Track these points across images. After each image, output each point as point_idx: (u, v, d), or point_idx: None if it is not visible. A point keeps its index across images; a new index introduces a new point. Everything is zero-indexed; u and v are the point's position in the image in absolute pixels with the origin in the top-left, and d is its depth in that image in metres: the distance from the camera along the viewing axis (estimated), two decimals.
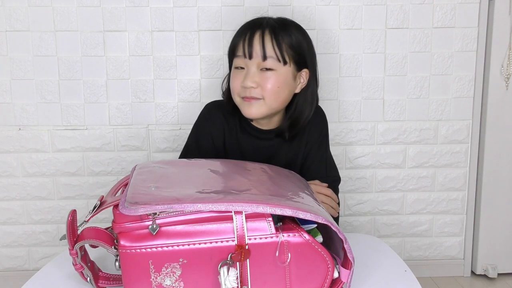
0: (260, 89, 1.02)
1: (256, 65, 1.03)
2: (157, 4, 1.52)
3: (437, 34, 1.57)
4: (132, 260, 0.62)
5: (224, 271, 0.61)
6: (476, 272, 1.72)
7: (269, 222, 0.64)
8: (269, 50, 1.02)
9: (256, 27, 1.04)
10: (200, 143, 1.15)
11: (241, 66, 1.05)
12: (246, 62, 1.03)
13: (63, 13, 1.51)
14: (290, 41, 1.04)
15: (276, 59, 1.02)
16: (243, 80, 1.03)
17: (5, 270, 1.66)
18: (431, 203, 1.68)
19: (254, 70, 1.03)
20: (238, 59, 1.05)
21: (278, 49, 1.02)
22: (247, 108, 1.04)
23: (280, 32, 1.03)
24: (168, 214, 0.63)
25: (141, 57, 1.55)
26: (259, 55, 1.02)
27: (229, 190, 0.68)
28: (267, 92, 1.02)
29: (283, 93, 1.05)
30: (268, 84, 1.02)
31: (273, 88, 1.02)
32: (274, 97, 1.03)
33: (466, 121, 1.63)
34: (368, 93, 1.60)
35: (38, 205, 1.62)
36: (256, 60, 1.02)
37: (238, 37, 1.06)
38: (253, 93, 1.03)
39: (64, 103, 1.57)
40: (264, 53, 1.02)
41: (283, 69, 1.03)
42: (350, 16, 1.55)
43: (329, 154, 1.19)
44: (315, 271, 0.65)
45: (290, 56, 1.04)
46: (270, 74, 1.02)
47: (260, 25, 1.04)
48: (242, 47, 1.03)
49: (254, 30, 1.04)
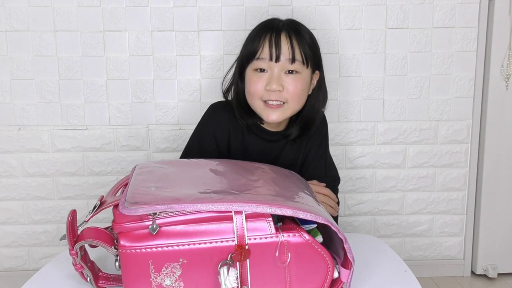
0: (285, 92, 1.02)
1: (281, 68, 1.01)
2: (157, 4, 1.52)
3: (437, 34, 1.57)
4: (132, 260, 0.62)
5: (224, 271, 0.61)
6: (476, 272, 1.72)
7: (269, 222, 0.64)
8: (297, 52, 1.01)
9: (278, 29, 1.02)
10: (202, 143, 1.14)
11: (262, 68, 1.03)
12: (270, 65, 1.01)
13: (63, 13, 1.51)
14: (308, 45, 1.04)
15: (301, 62, 1.02)
16: (268, 83, 1.01)
17: (5, 270, 1.66)
18: (431, 203, 1.68)
19: (280, 73, 1.01)
20: (260, 62, 1.02)
21: (303, 51, 1.02)
22: (272, 115, 1.03)
23: (299, 34, 1.03)
24: (168, 214, 0.63)
25: (141, 57, 1.55)
26: (287, 57, 1.00)
27: (229, 190, 0.68)
28: (292, 95, 1.02)
29: (304, 96, 1.05)
30: (293, 87, 1.01)
31: (298, 91, 1.02)
32: (297, 100, 1.03)
33: (466, 121, 1.63)
34: (368, 93, 1.60)
35: (38, 205, 1.62)
36: (282, 63, 1.01)
37: (259, 39, 1.03)
38: (277, 96, 1.01)
39: (64, 103, 1.57)
40: (293, 56, 1.00)
41: (305, 72, 1.03)
42: (350, 16, 1.55)
43: (329, 154, 1.20)
44: (315, 271, 0.65)
45: (310, 58, 1.04)
46: (295, 77, 1.02)
47: (281, 28, 1.03)
48: (269, 49, 1.01)
49: (278, 31, 1.02)
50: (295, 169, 1.12)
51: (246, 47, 1.06)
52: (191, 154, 1.14)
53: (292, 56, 1.01)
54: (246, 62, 1.05)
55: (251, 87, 1.04)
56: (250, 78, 1.04)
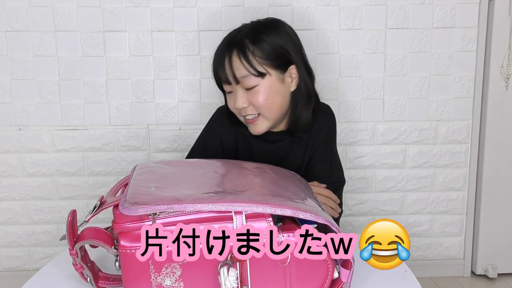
0: (253, 106, 1.02)
1: (241, 86, 1.02)
2: (157, 4, 1.52)
3: (437, 34, 1.57)
4: (132, 260, 0.62)
5: (224, 271, 0.61)
6: (476, 272, 1.72)
7: (269, 222, 0.64)
8: (239, 71, 1.00)
9: (226, 49, 1.02)
10: (208, 145, 1.14)
11: (229, 90, 1.05)
12: (233, 86, 1.03)
13: (63, 13, 1.51)
14: (263, 50, 1.00)
15: (253, 75, 1.00)
16: (234, 103, 1.03)
17: (5, 270, 1.66)
18: (431, 203, 1.68)
19: (241, 91, 1.02)
20: (225, 85, 1.05)
21: (250, 66, 0.99)
22: (252, 128, 1.06)
23: (249, 47, 1.00)
24: (168, 214, 0.63)
25: (141, 57, 1.55)
26: (239, 77, 1.00)
27: (229, 190, 0.68)
28: (260, 108, 1.02)
29: (275, 102, 1.03)
30: (256, 101, 1.01)
31: (263, 102, 1.01)
32: (268, 109, 1.03)
33: (466, 121, 1.63)
34: (368, 93, 1.60)
35: (38, 205, 1.62)
36: (241, 82, 1.01)
37: (215, 64, 1.05)
38: (248, 112, 1.03)
39: (64, 103, 1.57)
40: (234, 76, 1.00)
41: (265, 81, 1.01)
42: (350, 16, 1.55)
43: (335, 154, 1.17)
44: (315, 271, 0.65)
45: (267, 65, 1.01)
46: (255, 91, 1.01)
47: (229, 46, 1.02)
48: (221, 74, 1.03)
49: (223, 54, 1.02)
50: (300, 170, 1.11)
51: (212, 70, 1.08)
52: (196, 156, 1.14)
53: (234, 78, 1.01)
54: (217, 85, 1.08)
55: (229, 107, 1.07)
56: (227, 98, 1.08)
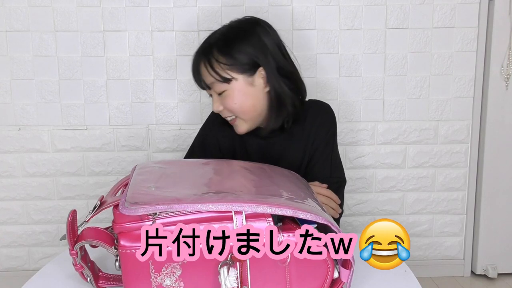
0: (227, 110, 1.05)
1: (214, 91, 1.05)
2: (157, 4, 1.52)
3: (437, 34, 1.57)
4: (132, 260, 0.62)
5: (224, 271, 0.61)
6: (476, 272, 1.72)
7: (269, 222, 0.64)
8: (207, 78, 1.03)
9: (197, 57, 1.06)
10: (206, 144, 1.16)
11: (210, 94, 1.08)
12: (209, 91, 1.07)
13: (63, 13, 1.51)
14: (227, 58, 1.02)
15: (218, 82, 1.02)
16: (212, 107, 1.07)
17: (5, 270, 1.66)
18: (431, 203, 1.68)
19: (216, 96, 1.05)
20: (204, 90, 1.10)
21: (214, 73, 1.02)
22: (235, 128, 1.09)
23: (214, 55, 1.02)
24: (168, 214, 0.63)
25: (141, 57, 1.55)
26: (208, 83, 1.04)
27: (229, 190, 0.68)
28: (233, 111, 1.05)
29: (246, 105, 1.04)
30: (228, 104, 1.04)
31: (233, 105, 1.03)
32: (241, 112, 1.05)
33: (466, 121, 1.63)
34: (368, 93, 1.60)
35: (38, 205, 1.62)
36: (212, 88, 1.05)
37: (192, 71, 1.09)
38: (226, 114, 1.06)
39: (64, 103, 1.57)
40: (205, 84, 1.05)
41: (231, 86, 1.02)
42: (350, 16, 1.55)
43: (336, 154, 1.16)
44: (315, 271, 0.65)
45: (231, 70, 1.02)
46: (225, 95, 1.03)
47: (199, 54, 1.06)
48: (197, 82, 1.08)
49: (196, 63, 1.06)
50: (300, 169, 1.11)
51: None
52: (195, 155, 1.15)
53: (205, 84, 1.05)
54: None
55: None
56: None
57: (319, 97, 1.58)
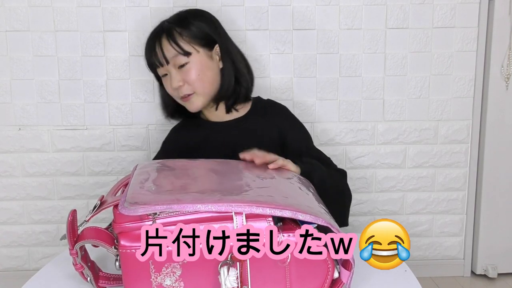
0: (187, 84, 1.11)
1: (173, 66, 1.11)
2: (157, 4, 1.52)
3: (437, 34, 1.57)
4: (132, 260, 0.62)
5: (224, 271, 0.61)
6: (476, 272, 1.72)
7: (269, 222, 0.64)
8: (169, 52, 1.10)
9: (154, 37, 1.14)
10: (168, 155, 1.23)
11: (164, 73, 1.14)
12: (166, 68, 1.12)
13: (63, 13, 1.51)
14: (188, 32, 1.11)
15: (181, 54, 1.10)
16: (171, 84, 1.12)
17: (5, 270, 1.66)
18: (431, 203, 1.68)
19: (174, 71, 1.11)
20: (159, 69, 1.15)
21: (177, 46, 1.10)
22: (189, 105, 1.15)
23: (174, 30, 1.11)
24: (168, 214, 0.63)
25: (141, 57, 1.54)
26: (170, 57, 1.11)
27: (229, 191, 0.68)
28: (193, 84, 1.11)
29: (207, 76, 1.12)
30: (189, 77, 1.10)
31: (195, 78, 1.10)
32: (201, 84, 1.11)
33: (466, 121, 1.63)
34: (368, 93, 1.60)
35: (38, 205, 1.62)
36: (172, 63, 1.11)
37: (148, 51, 1.15)
38: (184, 91, 1.12)
39: (64, 103, 1.57)
40: (165, 57, 1.11)
41: (193, 58, 1.11)
42: (350, 16, 1.55)
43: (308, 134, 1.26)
44: (315, 271, 0.65)
45: (194, 43, 1.11)
46: (187, 68, 1.10)
47: (157, 33, 1.13)
48: (154, 59, 1.13)
49: (153, 41, 1.13)
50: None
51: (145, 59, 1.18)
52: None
53: (165, 58, 1.11)
54: (154, 73, 1.20)
55: (167, 90, 1.17)
56: (164, 83, 1.17)
57: (319, 97, 1.59)
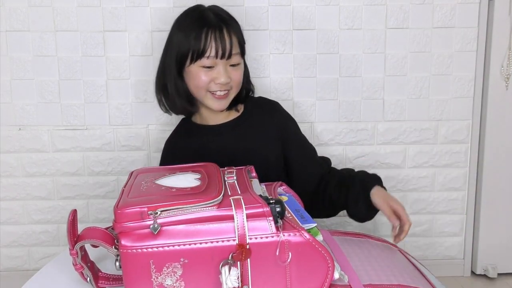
0: (231, 82, 1.11)
1: (225, 63, 1.09)
2: (157, 4, 1.52)
3: (437, 34, 1.57)
4: (133, 260, 0.62)
5: (225, 271, 0.61)
6: (476, 272, 1.72)
7: (270, 221, 0.64)
8: (235, 48, 1.10)
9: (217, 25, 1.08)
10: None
11: (210, 65, 1.08)
12: (216, 61, 1.08)
13: (63, 13, 1.51)
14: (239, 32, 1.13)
15: (240, 54, 1.12)
16: (217, 77, 1.08)
17: (5, 270, 1.66)
18: (431, 203, 1.68)
19: (224, 67, 1.09)
20: (207, 60, 1.07)
21: (239, 45, 1.11)
22: (218, 103, 1.11)
23: (233, 27, 1.11)
24: (169, 214, 0.63)
25: (141, 57, 1.55)
26: (231, 53, 1.08)
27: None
28: (236, 84, 1.12)
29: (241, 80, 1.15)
30: (236, 78, 1.11)
31: (239, 80, 1.13)
32: (238, 87, 1.14)
33: (466, 121, 1.63)
34: (368, 93, 1.60)
35: (38, 205, 1.62)
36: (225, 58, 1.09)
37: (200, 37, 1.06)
38: (224, 88, 1.10)
39: (64, 103, 1.57)
40: (230, 51, 1.08)
41: (242, 61, 1.15)
42: (350, 16, 1.55)
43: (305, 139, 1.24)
44: (316, 270, 0.65)
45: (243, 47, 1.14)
46: (238, 68, 1.12)
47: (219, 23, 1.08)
48: (215, 49, 1.06)
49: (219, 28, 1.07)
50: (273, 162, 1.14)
51: (185, 44, 1.08)
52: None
53: (235, 52, 1.10)
54: (192, 60, 1.09)
55: (199, 82, 1.09)
56: (197, 74, 1.09)
57: (319, 97, 1.59)
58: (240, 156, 1.09)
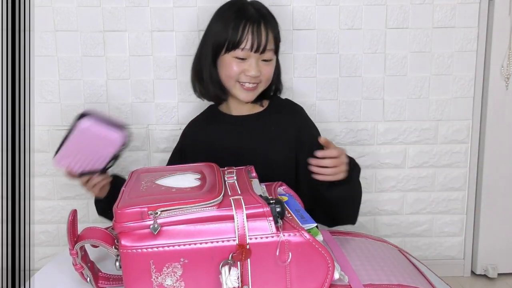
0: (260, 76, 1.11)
1: (259, 57, 1.10)
2: (157, 4, 1.52)
3: (437, 34, 1.57)
4: (133, 260, 0.62)
5: (225, 271, 0.61)
6: (476, 272, 1.72)
7: (270, 221, 0.64)
8: (270, 43, 1.10)
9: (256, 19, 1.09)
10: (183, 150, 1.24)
11: (243, 57, 1.09)
12: (250, 54, 1.09)
13: (63, 13, 1.51)
14: (276, 29, 1.14)
15: (274, 51, 1.13)
16: (247, 69, 1.09)
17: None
18: (431, 203, 1.68)
19: (257, 61, 1.10)
20: (241, 52, 1.08)
21: (275, 41, 1.13)
22: (246, 95, 1.13)
23: (271, 23, 1.12)
24: (169, 214, 0.63)
25: (141, 57, 1.55)
26: (266, 49, 1.09)
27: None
28: (265, 79, 1.13)
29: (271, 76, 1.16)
30: (267, 73, 1.13)
31: (269, 76, 1.14)
32: (267, 82, 1.15)
33: (466, 121, 1.63)
34: (368, 93, 1.60)
35: (38, 205, 1.62)
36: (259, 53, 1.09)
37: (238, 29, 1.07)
38: (254, 81, 1.11)
39: (64, 103, 1.57)
40: (265, 45, 1.09)
41: (275, 58, 1.16)
42: (350, 16, 1.55)
43: None
44: (316, 270, 0.65)
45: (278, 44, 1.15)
46: (270, 64, 1.13)
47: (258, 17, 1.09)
48: (251, 42, 1.07)
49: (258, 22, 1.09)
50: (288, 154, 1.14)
51: (222, 34, 1.09)
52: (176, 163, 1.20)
53: (270, 48, 1.10)
54: (227, 50, 1.10)
55: (231, 72, 1.11)
56: (230, 63, 1.10)
57: (319, 97, 1.59)
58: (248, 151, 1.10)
